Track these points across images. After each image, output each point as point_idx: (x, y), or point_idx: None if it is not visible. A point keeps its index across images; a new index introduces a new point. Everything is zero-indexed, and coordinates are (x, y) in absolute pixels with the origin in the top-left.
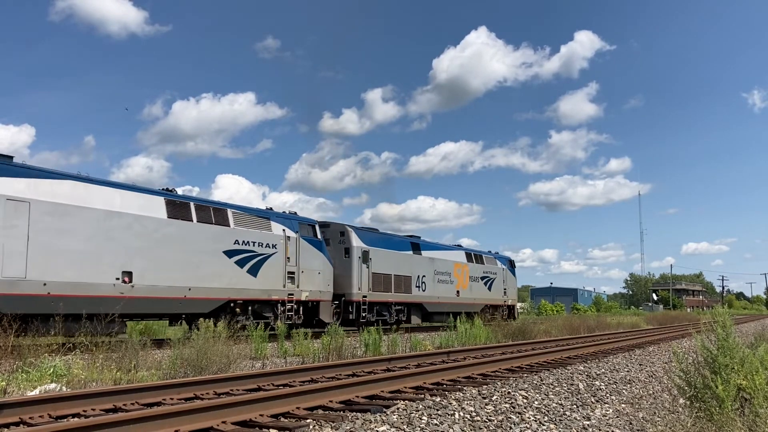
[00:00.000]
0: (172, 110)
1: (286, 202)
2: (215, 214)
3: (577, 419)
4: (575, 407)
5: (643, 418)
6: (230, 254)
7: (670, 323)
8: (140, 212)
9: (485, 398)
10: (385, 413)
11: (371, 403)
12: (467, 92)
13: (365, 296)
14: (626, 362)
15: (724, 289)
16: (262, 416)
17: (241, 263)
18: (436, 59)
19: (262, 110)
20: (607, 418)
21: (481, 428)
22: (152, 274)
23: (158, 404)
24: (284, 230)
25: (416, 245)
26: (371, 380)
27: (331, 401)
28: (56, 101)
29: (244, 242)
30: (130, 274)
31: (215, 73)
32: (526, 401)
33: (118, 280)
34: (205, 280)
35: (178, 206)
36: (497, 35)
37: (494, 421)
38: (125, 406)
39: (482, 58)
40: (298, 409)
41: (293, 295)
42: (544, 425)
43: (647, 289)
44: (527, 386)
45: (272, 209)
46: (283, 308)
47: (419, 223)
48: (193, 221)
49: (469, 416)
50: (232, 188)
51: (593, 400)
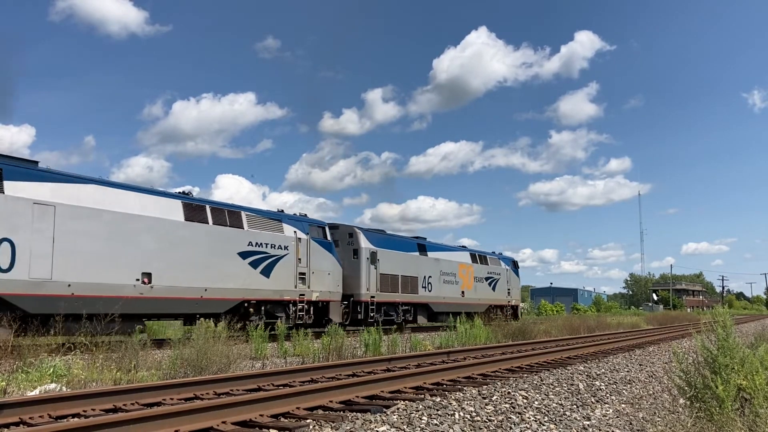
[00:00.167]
0: (172, 110)
1: (286, 202)
2: (230, 216)
3: (577, 419)
4: (575, 407)
5: (643, 418)
6: (244, 256)
7: (670, 323)
8: (159, 215)
9: (485, 398)
10: (385, 413)
11: (371, 403)
12: (467, 92)
13: (373, 297)
14: (626, 362)
15: (724, 289)
16: (262, 416)
17: (254, 264)
18: (436, 59)
19: (262, 110)
20: (607, 418)
21: (481, 428)
22: (170, 275)
23: (158, 404)
24: (295, 232)
25: (422, 246)
26: (371, 380)
27: (331, 401)
28: (56, 101)
29: (257, 244)
30: (149, 275)
31: (215, 73)
32: (526, 401)
33: (138, 281)
34: (220, 280)
35: (194, 209)
36: (497, 35)
37: (494, 421)
38: (125, 406)
39: (482, 58)
40: (298, 409)
41: (304, 295)
42: (544, 425)
43: (647, 289)
44: (527, 386)
45: (283, 211)
46: (294, 308)
47: (419, 223)
48: (208, 223)
49: (469, 416)
50: (232, 188)
51: (593, 400)
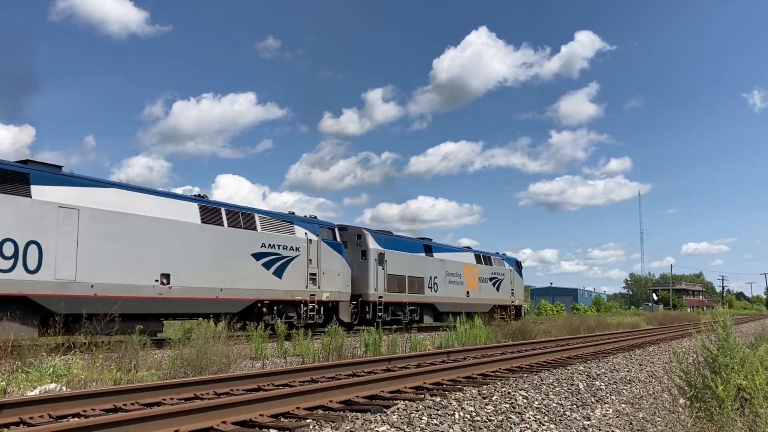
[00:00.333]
0: (172, 110)
1: (286, 202)
2: (244, 218)
3: (577, 419)
4: (575, 407)
5: (643, 418)
6: (258, 257)
7: (670, 323)
8: (177, 218)
9: (485, 398)
10: (385, 413)
11: (371, 403)
12: (467, 92)
13: (381, 297)
14: (626, 362)
15: (724, 289)
16: (262, 416)
17: (267, 265)
18: (436, 59)
19: (262, 110)
20: (607, 418)
21: (481, 428)
22: (187, 276)
23: (158, 404)
24: (306, 233)
25: (428, 247)
26: (371, 380)
27: (331, 401)
28: (56, 101)
29: (270, 245)
30: (168, 276)
31: (215, 73)
32: (526, 401)
33: (157, 281)
34: (235, 281)
35: (210, 212)
36: (498, 35)
37: (494, 421)
38: (125, 406)
39: (482, 58)
40: (298, 409)
41: (315, 295)
42: (544, 425)
43: (647, 289)
44: (527, 386)
45: (294, 213)
46: (305, 308)
47: (419, 223)
48: (224, 226)
49: (469, 416)
50: (232, 188)
51: (593, 400)
